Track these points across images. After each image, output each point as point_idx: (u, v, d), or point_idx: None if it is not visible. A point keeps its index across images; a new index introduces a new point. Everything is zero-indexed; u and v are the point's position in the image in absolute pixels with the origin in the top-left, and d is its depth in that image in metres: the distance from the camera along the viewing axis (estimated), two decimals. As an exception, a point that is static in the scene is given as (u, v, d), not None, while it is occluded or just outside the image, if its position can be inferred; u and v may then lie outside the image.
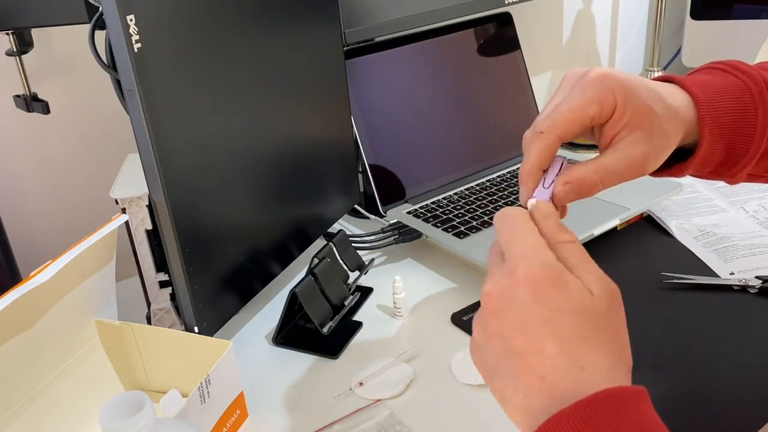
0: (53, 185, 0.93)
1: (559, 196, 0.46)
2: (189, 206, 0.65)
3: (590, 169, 0.47)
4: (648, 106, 0.47)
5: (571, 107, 0.46)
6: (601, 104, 0.46)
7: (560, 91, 0.49)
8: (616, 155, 0.47)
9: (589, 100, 0.46)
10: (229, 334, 0.78)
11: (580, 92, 0.46)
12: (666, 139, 0.48)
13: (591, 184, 0.47)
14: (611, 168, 0.47)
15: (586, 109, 0.46)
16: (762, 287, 0.75)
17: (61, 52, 0.88)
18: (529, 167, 0.47)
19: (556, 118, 0.46)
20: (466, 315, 0.77)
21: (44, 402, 0.60)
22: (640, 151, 0.47)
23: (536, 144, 0.47)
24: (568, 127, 0.46)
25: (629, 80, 0.47)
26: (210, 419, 0.60)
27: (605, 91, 0.46)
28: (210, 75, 0.66)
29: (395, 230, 0.91)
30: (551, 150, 0.47)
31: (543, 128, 0.46)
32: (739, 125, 0.51)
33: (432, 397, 0.66)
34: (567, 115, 0.46)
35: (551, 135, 0.46)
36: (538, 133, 0.47)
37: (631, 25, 1.53)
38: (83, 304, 0.64)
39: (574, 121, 0.46)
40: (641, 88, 0.47)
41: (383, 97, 0.98)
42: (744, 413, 0.59)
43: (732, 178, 0.54)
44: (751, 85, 0.51)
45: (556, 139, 0.46)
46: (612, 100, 0.46)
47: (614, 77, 0.47)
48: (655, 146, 0.47)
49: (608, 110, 0.46)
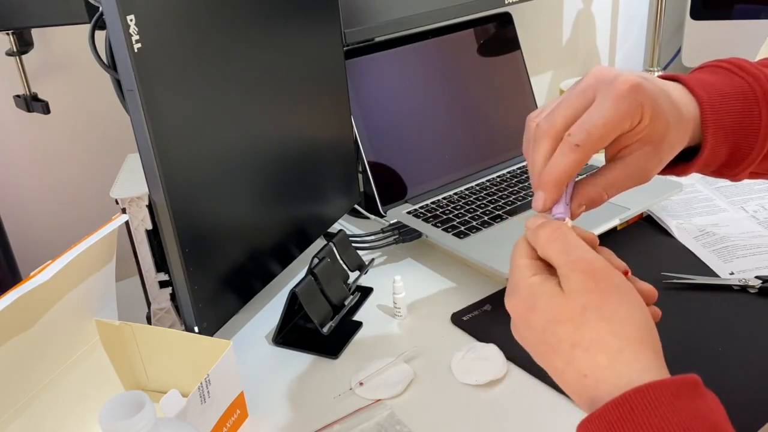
0: (53, 185, 0.93)
1: (573, 216, 0.48)
2: (189, 206, 0.65)
3: (600, 188, 0.48)
4: (666, 120, 0.47)
5: (606, 121, 0.44)
6: (632, 119, 0.45)
7: (586, 88, 0.46)
8: (625, 171, 0.48)
9: (623, 115, 0.45)
10: (229, 334, 0.78)
11: (614, 104, 0.44)
12: (671, 152, 0.49)
13: (600, 199, 0.48)
14: (619, 183, 0.48)
15: (620, 124, 0.45)
16: (762, 287, 0.75)
17: (61, 52, 0.88)
18: (557, 178, 0.46)
19: (593, 132, 0.44)
20: (466, 315, 0.77)
21: (44, 402, 0.60)
22: (649, 166, 0.48)
23: (570, 157, 0.45)
24: (603, 142, 0.45)
25: (656, 93, 0.46)
26: (210, 419, 0.60)
27: (637, 106, 0.45)
28: (210, 75, 0.66)
29: (395, 230, 0.91)
30: (584, 164, 0.46)
31: (579, 141, 0.45)
32: (742, 127, 0.51)
33: (432, 397, 0.66)
34: (603, 129, 0.45)
35: (587, 149, 0.45)
36: (573, 145, 0.45)
37: (631, 25, 1.53)
38: (83, 304, 0.64)
39: (609, 135, 0.45)
40: (664, 99, 0.47)
41: (383, 97, 0.98)
42: (744, 413, 0.59)
43: (735, 177, 0.54)
44: (755, 86, 0.51)
45: (591, 153, 0.45)
46: (639, 115, 0.45)
47: (645, 91, 0.45)
48: (661, 159, 0.48)
49: (635, 125, 0.46)
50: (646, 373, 0.39)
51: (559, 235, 0.44)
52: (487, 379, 0.66)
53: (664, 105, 0.47)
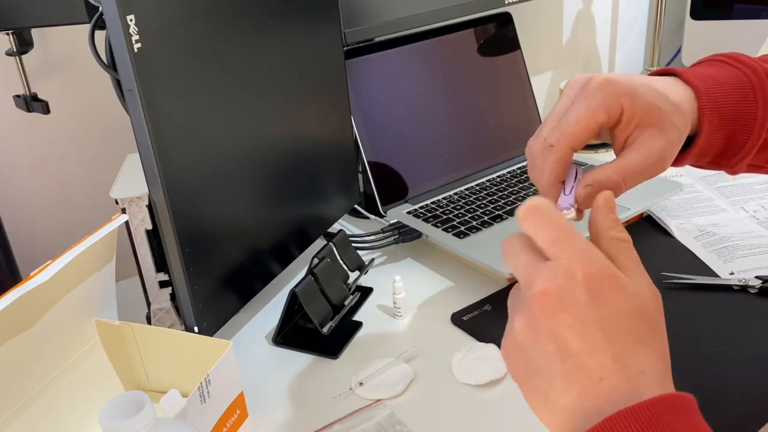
0: (53, 185, 0.93)
1: (581, 198, 0.47)
2: (189, 206, 0.65)
3: (611, 170, 0.47)
4: (654, 104, 0.48)
5: (578, 118, 0.47)
6: (608, 111, 0.47)
7: (564, 99, 0.49)
8: (634, 154, 0.48)
9: (595, 108, 0.46)
10: (229, 334, 0.78)
11: (585, 101, 0.47)
12: (678, 132, 0.49)
13: (613, 184, 0.47)
14: (631, 167, 0.47)
15: (590, 118, 0.47)
16: (762, 287, 0.75)
17: (61, 52, 0.88)
18: (546, 181, 0.48)
19: (565, 130, 0.47)
20: (466, 315, 0.77)
21: (44, 402, 0.60)
22: (657, 147, 0.47)
23: (549, 158, 0.47)
24: (577, 138, 0.47)
25: (632, 83, 0.48)
26: (210, 419, 0.60)
27: (610, 98, 0.46)
28: (210, 75, 0.66)
29: (395, 230, 0.91)
30: (565, 162, 0.47)
31: (552, 142, 0.47)
32: (739, 115, 0.51)
33: (432, 397, 0.66)
34: (575, 126, 0.47)
35: (562, 147, 0.47)
36: (549, 147, 0.47)
37: (631, 25, 1.53)
38: (83, 304, 0.64)
39: (583, 131, 0.47)
40: (644, 88, 0.48)
41: (383, 97, 0.98)
42: (744, 413, 0.59)
43: (732, 168, 0.54)
44: (751, 76, 0.51)
45: (568, 150, 0.47)
46: (618, 105, 0.47)
47: (617, 83, 0.47)
48: (670, 139, 0.48)
49: (616, 116, 0.47)
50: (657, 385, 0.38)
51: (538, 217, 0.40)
52: (487, 379, 0.66)
53: (646, 92, 0.48)
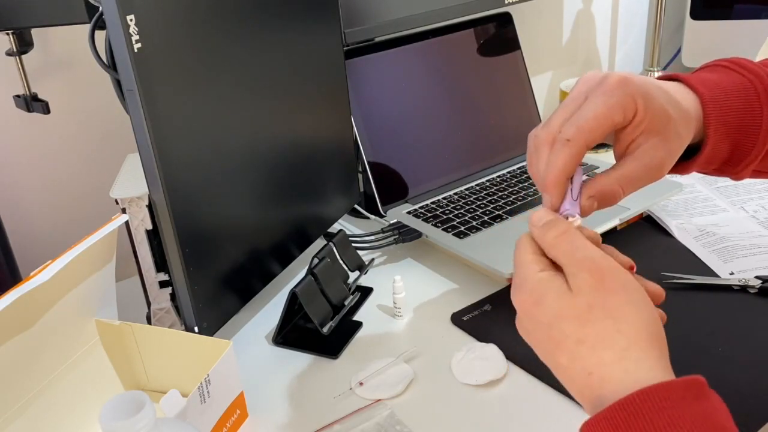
0: (53, 185, 0.93)
1: (584, 210, 0.47)
2: (189, 206, 0.65)
3: (612, 180, 0.47)
4: (664, 109, 0.47)
5: (596, 114, 0.45)
6: (625, 110, 0.46)
7: (576, 93, 0.48)
8: (636, 164, 0.47)
9: (613, 106, 0.45)
10: (229, 334, 0.78)
11: (603, 98, 0.45)
12: (680, 142, 0.48)
13: (613, 194, 0.47)
14: (632, 177, 0.47)
15: (610, 115, 0.45)
16: (762, 287, 0.75)
17: (61, 52, 0.88)
18: (556, 176, 0.46)
19: (582, 126, 0.45)
20: (466, 315, 0.77)
21: (44, 402, 0.60)
22: (659, 158, 0.47)
23: (562, 152, 0.45)
24: (594, 135, 0.45)
25: (647, 85, 0.47)
26: (210, 419, 0.60)
27: (627, 97, 0.46)
28: (210, 75, 0.66)
29: (395, 230, 0.91)
30: (578, 158, 0.46)
31: (569, 136, 0.45)
32: (744, 123, 0.51)
33: (432, 397, 0.66)
34: (593, 122, 0.45)
35: (579, 143, 0.45)
36: (565, 141, 0.45)
37: (631, 25, 1.53)
38: (83, 304, 0.64)
39: (600, 128, 0.45)
40: (658, 91, 0.47)
41: (383, 97, 0.98)
42: (744, 413, 0.59)
43: (737, 175, 0.54)
44: (756, 83, 0.51)
45: (584, 146, 0.45)
46: (634, 106, 0.46)
47: (634, 83, 0.46)
48: (671, 150, 0.48)
49: (630, 116, 0.46)
50: (652, 372, 0.39)
51: (565, 237, 0.44)
52: (487, 379, 0.66)
53: (659, 96, 0.47)
